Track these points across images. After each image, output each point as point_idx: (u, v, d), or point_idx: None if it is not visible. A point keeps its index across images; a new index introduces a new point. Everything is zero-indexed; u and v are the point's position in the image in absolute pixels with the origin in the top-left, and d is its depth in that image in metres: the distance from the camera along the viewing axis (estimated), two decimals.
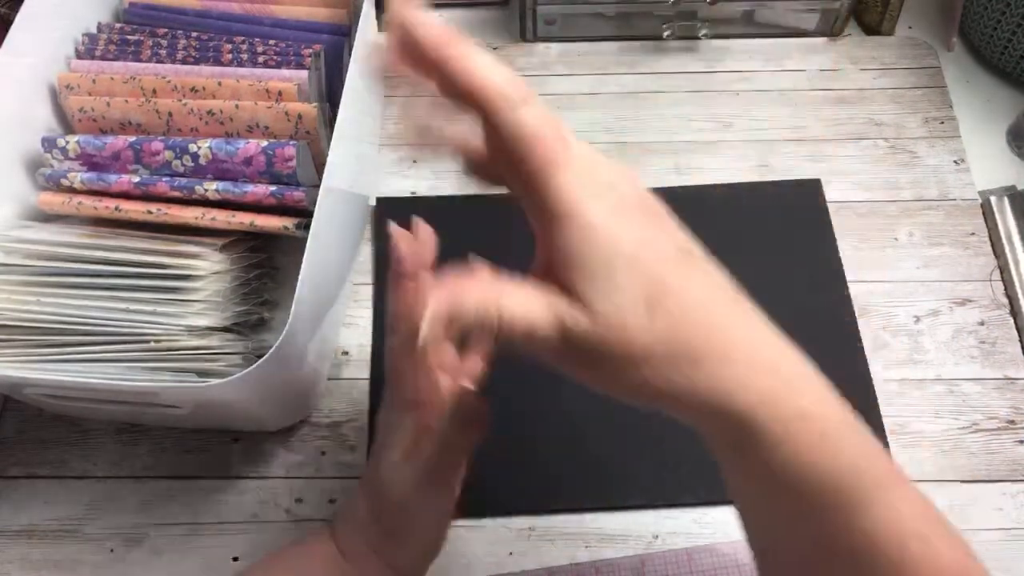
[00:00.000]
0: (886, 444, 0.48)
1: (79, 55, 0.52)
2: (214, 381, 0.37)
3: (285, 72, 0.50)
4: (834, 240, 0.55)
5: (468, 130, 0.30)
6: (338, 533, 0.38)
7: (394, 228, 0.33)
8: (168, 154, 0.46)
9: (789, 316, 0.54)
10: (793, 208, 0.57)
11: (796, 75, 0.64)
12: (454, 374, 0.35)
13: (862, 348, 0.51)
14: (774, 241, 0.55)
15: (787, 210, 0.57)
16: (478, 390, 0.36)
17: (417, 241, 0.34)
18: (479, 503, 0.47)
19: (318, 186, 0.42)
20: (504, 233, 0.56)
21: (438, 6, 0.70)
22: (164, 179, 0.46)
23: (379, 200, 0.58)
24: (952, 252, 0.55)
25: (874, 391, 0.50)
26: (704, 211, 0.57)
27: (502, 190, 0.31)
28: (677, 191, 0.58)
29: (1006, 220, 0.56)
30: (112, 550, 0.46)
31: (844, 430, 0.27)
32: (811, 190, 0.58)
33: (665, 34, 0.63)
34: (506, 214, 0.56)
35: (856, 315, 0.53)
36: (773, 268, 0.54)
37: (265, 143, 0.46)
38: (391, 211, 0.57)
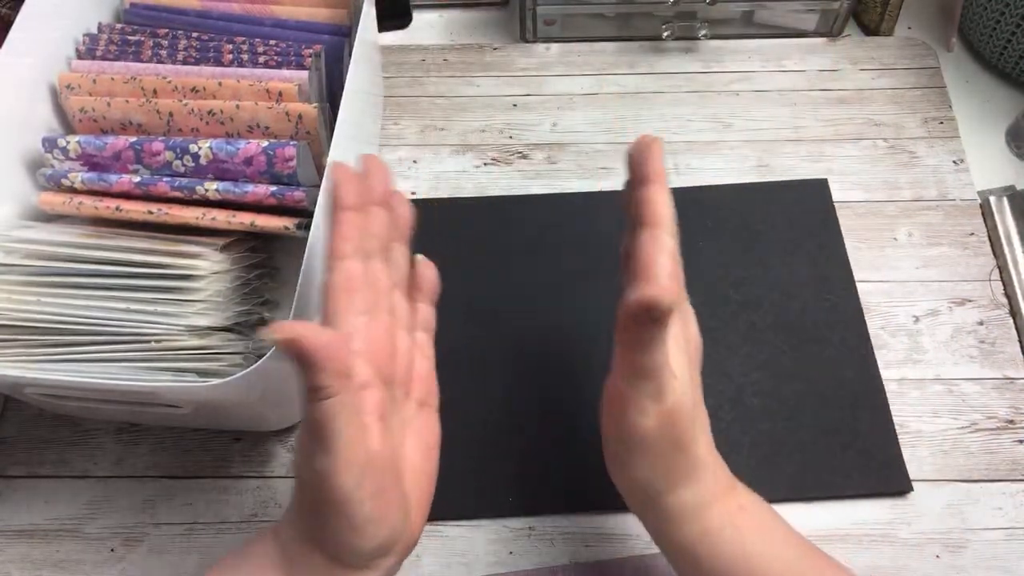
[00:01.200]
0: (897, 442, 0.48)
1: (79, 55, 0.52)
2: (214, 381, 0.37)
3: (285, 72, 0.50)
4: (841, 240, 0.55)
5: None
6: (280, 526, 0.34)
7: (336, 164, 0.34)
8: (169, 154, 0.46)
9: (798, 316, 0.54)
10: (800, 208, 0.57)
11: (795, 75, 0.64)
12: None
13: (871, 348, 0.51)
14: (782, 241, 0.55)
15: (794, 210, 0.57)
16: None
17: (365, 176, 0.35)
18: (479, 503, 0.47)
19: (318, 186, 0.42)
20: (503, 233, 0.57)
21: (438, 6, 0.70)
22: (165, 179, 0.46)
23: None
24: (951, 252, 0.55)
25: (884, 390, 0.50)
26: (711, 211, 0.57)
27: None
28: (686, 192, 0.58)
29: (1005, 220, 0.56)
30: (112, 550, 0.47)
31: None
32: (818, 190, 0.58)
33: (665, 34, 0.64)
34: (505, 215, 0.57)
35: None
36: (781, 268, 0.54)
37: (265, 143, 0.46)
38: None
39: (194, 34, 0.53)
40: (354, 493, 0.30)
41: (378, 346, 0.34)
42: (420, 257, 0.39)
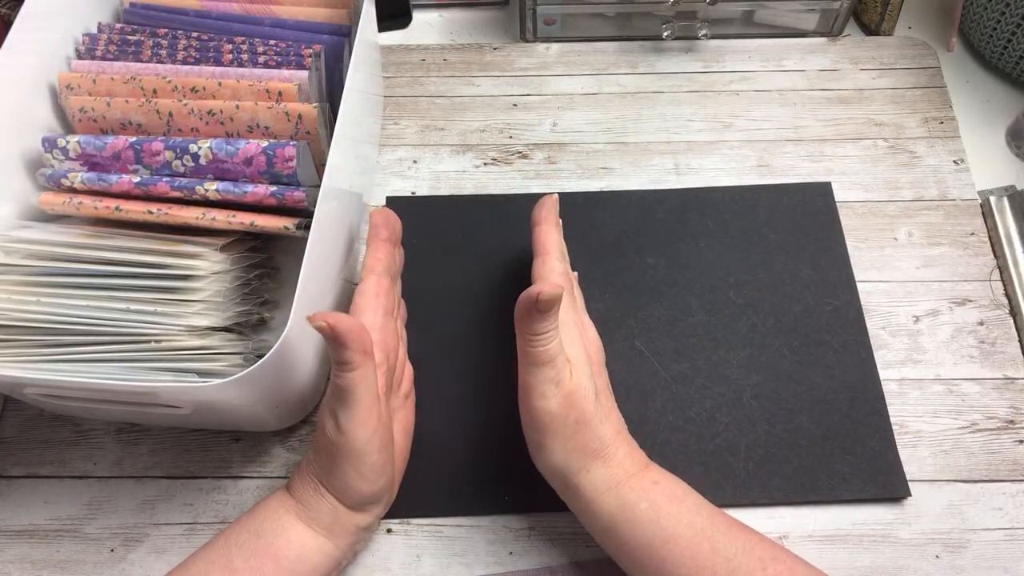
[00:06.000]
0: (895, 447, 0.48)
1: (79, 55, 0.52)
2: (214, 381, 0.37)
3: (285, 72, 0.50)
4: (844, 244, 0.55)
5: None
6: (291, 482, 0.41)
7: (373, 209, 0.47)
8: (168, 154, 0.46)
9: (798, 319, 0.54)
10: (804, 211, 0.57)
11: (796, 75, 0.64)
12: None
13: (872, 352, 0.51)
14: (784, 244, 0.55)
15: (798, 213, 0.57)
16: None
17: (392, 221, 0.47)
18: (478, 502, 0.47)
19: (318, 186, 0.42)
20: (502, 232, 0.57)
21: (438, 6, 0.70)
22: (164, 179, 0.46)
23: (388, 200, 0.58)
24: (951, 252, 0.55)
25: (883, 395, 0.50)
26: (713, 213, 0.57)
27: None
28: (689, 192, 0.58)
29: (1005, 220, 0.56)
30: (112, 550, 0.47)
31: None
32: (821, 193, 0.58)
33: (665, 34, 0.64)
34: (503, 214, 0.57)
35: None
36: (783, 271, 0.54)
37: (265, 143, 0.46)
38: (400, 211, 0.57)
39: (194, 34, 0.53)
40: (366, 446, 0.38)
41: (388, 342, 0.42)
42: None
